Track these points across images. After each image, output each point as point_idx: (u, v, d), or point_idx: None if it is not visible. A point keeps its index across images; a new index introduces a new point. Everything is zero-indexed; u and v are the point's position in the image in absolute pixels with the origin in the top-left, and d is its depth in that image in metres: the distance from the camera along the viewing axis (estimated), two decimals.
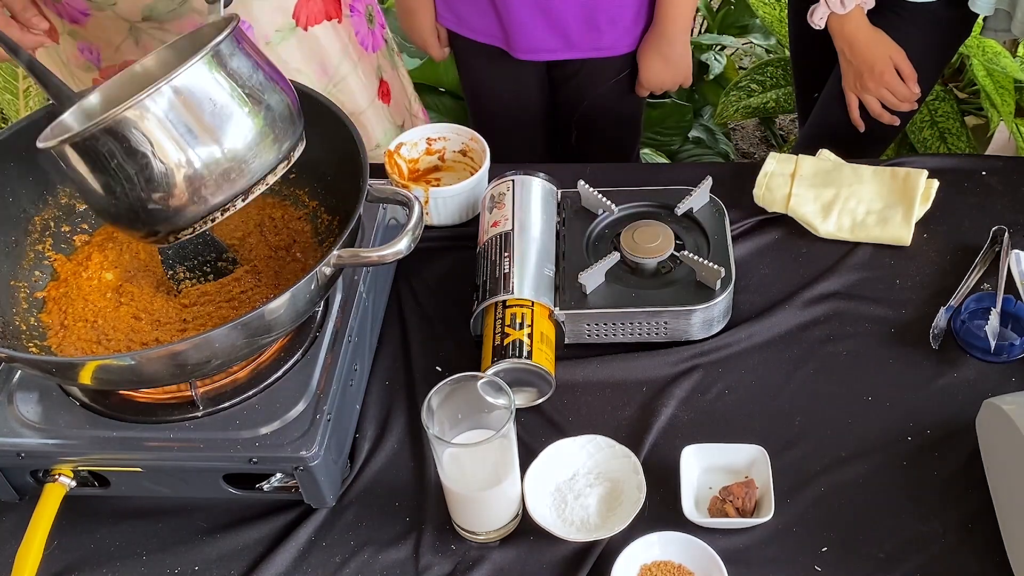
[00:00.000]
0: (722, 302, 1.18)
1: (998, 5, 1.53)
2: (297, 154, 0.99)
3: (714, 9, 2.83)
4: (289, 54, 1.46)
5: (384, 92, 1.63)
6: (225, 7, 1.03)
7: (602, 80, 1.74)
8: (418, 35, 1.72)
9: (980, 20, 1.62)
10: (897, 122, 1.67)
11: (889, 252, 1.30)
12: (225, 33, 0.92)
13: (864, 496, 1.05)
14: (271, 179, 0.96)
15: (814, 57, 1.81)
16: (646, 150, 2.39)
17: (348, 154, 1.08)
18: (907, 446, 1.09)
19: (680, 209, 1.27)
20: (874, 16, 1.60)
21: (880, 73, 1.59)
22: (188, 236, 0.95)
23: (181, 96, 0.89)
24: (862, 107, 1.66)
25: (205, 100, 0.90)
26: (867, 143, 1.71)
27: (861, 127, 1.68)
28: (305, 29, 1.46)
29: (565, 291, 1.19)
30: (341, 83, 1.52)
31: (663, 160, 2.36)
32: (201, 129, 0.90)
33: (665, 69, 1.64)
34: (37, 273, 1.14)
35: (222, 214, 0.94)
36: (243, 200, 0.95)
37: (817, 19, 1.60)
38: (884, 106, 1.64)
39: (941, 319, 1.19)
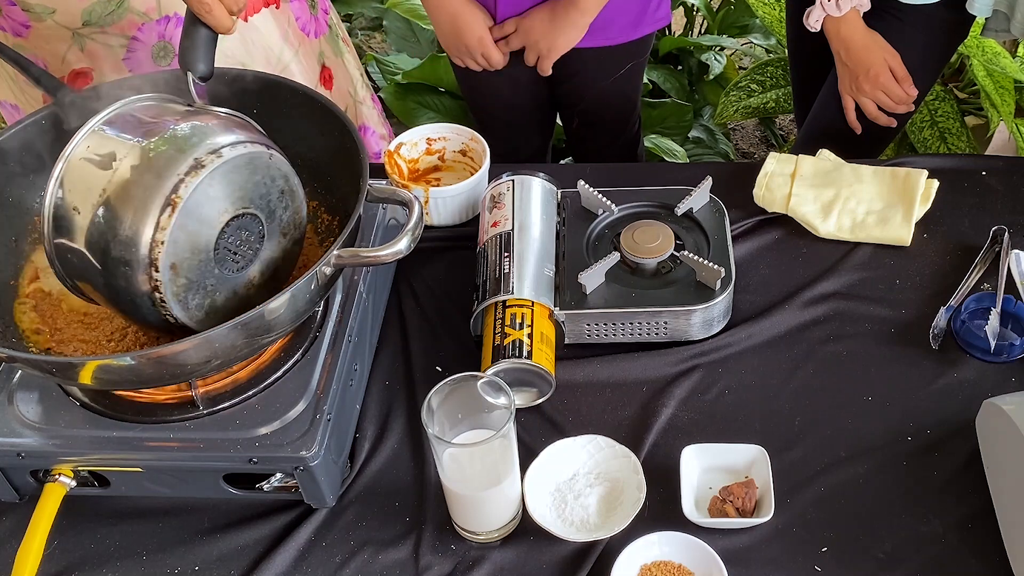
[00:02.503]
0: (722, 302, 1.18)
1: (996, 6, 1.53)
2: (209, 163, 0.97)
3: (714, 9, 2.83)
4: (232, 48, 1.44)
5: (326, 78, 1.62)
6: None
7: (602, 75, 1.74)
8: (476, 43, 1.63)
9: (980, 20, 1.62)
10: (894, 124, 1.67)
11: (889, 252, 1.30)
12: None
13: (864, 496, 1.05)
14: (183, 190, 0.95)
15: (812, 58, 1.81)
16: (653, 135, 2.39)
17: (348, 154, 1.08)
18: (907, 446, 1.09)
19: (680, 209, 1.27)
20: (872, 18, 1.60)
21: (875, 76, 1.59)
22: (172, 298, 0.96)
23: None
24: (859, 109, 1.66)
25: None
26: (866, 144, 1.71)
27: (858, 129, 1.68)
28: (245, 20, 1.44)
29: (565, 291, 1.19)
30: (284, 71, 1.51)
31: (674, 146, 2.36)
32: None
33: (551, 31, 1.58)
34: None
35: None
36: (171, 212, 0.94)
37: (813, 21, 1.60)
38: (880, 108, 1.64)
39: (941, 319, 1.19)
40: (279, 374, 1.06)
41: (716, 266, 1.17)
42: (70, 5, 1.32)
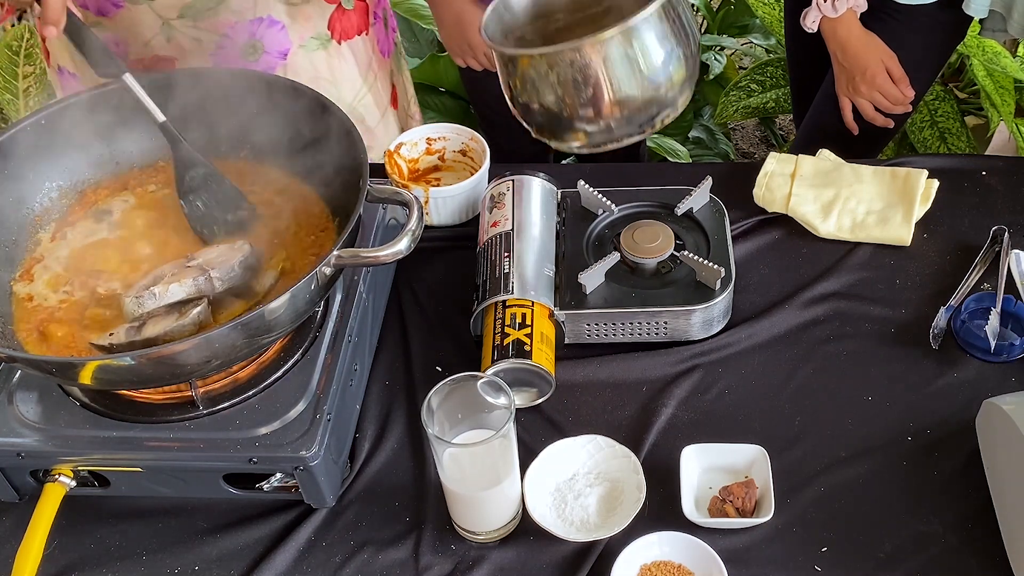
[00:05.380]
0: (722, 302, 1.18)
1: (992, 7, 1.53)
2: (688, 98, 1.05)
3: (714, 9, 2.84)
4: (320, 64, 1.46)
5: (394, 98, 1.63)
6: None
7: None
8: (479, 43, 1.66)
9: (976, 21, 1.62)
10: (891, 124, 1.67)
11: (889, 252, 1.30)
12: None
13: (864, 496, 1.05)
14: (672, 115, 1.04)
15: (810, 59, 1.81)
16: (655, 135, 2.39)
17: (348, 154, 1.08)
18: (907, 446, 1.09)
19: (680, 209, 1.27)
20: (869, 19, 1.60)
21: (872, 76, 1.59)
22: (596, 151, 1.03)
23: (637, 37, 0.98)
24: (856, 110, 1.67)
25: (660, 41, 0.99)
26: (863, 144, 1.71)
27: (855, 130, 1.68)
28: (339, 43, 1.46)
29: (565, 291, 1.19)
30: (364, 97, 1.52)
31: (677, 145, 2.36)
32: (651, 64, 1.00)
33: None
34: None
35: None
36: (651, 129, 1.04)
37: (810, 22, 1.60)
38: (878, 109, 1.64)
39: (941, 319, 1.19)
40: (279, 374, 1.06)
41: (716, 266, 1.17)
42: None
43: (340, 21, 1.45)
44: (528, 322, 1.14)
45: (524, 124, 1.08)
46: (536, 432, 1.12)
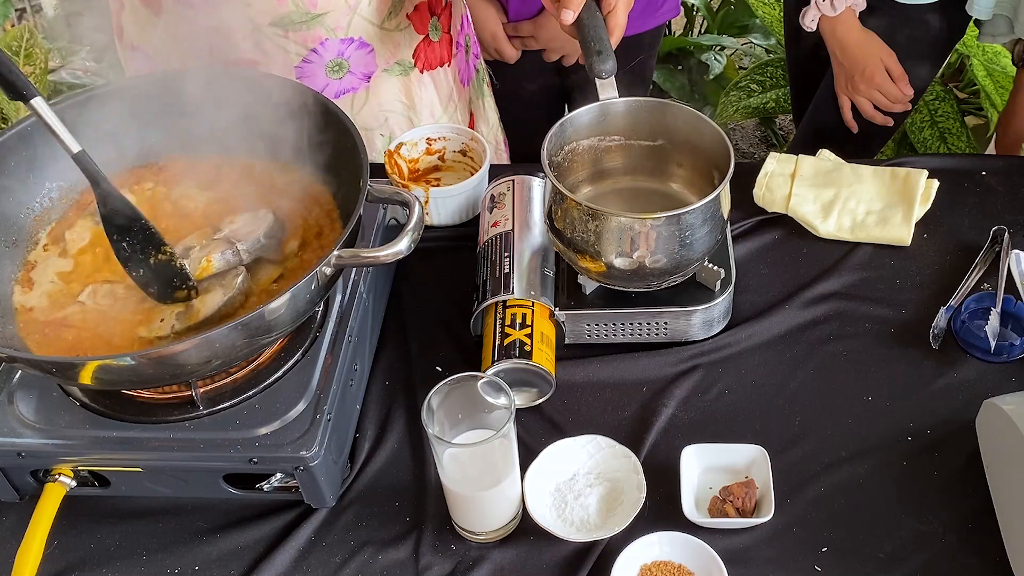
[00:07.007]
0: (722, 303, 1.18)
1: (997, 10, 1.53)
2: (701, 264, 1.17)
3: (714, 9, 2.84)
4: (400, 90, 1.47)
5: (471, 125, 1.63)
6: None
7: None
8: (489, 39, 1.70)
9: (973, 25, 1.62)
10: (890, 123, 1.67)
11: (889, 252, 1.30)
12: None
13: (864, 496, 1.05)
14: (679, 280, 1.17)
15: (809, 57, 1.81)
16: None
17: (348, 154, 1.08)
18: (907, 446, 1.09)
19: None
20: (868, 17, 1.60)
21: (871, 75, 1.59)
22: None
23: None
24: (855, 108, 1.67)
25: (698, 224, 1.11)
26: (862, 143, 1.72)
27: (854, 128, 1.68)
28: (421, 72, 1.47)
29: (565, 291, 1.19)
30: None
31: None
32: (683, 241, 1.11)
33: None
34: None
35: None
36: (656, 286, 1.17)
37: (808, 21, 1.61)
38: (876, 107, 1.64)
39: (941, 319, 1.19)
40: (279, 374, 1.06)
41: (716, 267, 1.17)
42: (268, 5, 1.32)
43: (425, 51, 1.46)
44: (528, 322, 1.14)
45: (550, 235, 1.17)
46: (536, 432, 1.12)
